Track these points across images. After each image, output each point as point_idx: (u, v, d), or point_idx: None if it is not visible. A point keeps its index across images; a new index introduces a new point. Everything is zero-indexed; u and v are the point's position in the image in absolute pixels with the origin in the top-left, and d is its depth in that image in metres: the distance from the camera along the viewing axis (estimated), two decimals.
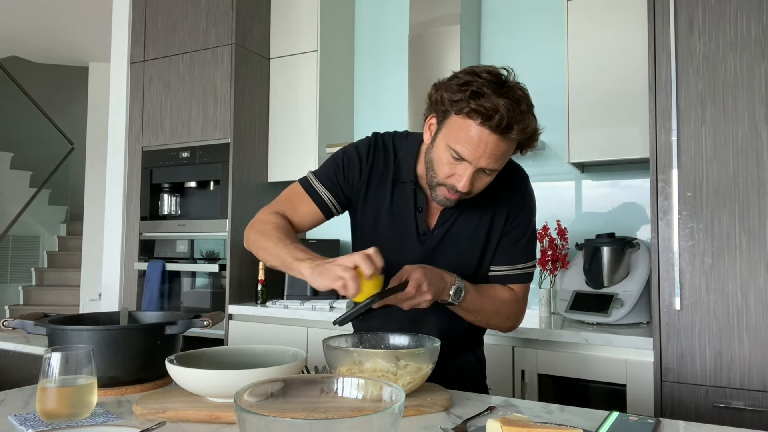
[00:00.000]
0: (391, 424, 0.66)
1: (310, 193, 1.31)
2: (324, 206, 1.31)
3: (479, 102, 1.08)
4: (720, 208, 1.75)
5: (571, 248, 2.48)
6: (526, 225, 1.33)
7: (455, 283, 1.19)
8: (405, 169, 1.29)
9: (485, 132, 1.09)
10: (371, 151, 1.31)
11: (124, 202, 3.17)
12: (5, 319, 1.25)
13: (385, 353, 1.03)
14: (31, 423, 0.95)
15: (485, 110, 1.07)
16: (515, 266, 1.32)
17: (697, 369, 1.74)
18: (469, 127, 1.10)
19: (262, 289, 2.80)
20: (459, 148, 1.12)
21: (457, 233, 1.29)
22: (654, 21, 1.86)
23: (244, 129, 2.93)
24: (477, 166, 1.13)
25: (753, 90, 1.73)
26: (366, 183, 1.30)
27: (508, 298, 1.31)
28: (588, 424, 0.97)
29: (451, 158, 1.14)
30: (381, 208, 1.30)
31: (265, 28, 3.10)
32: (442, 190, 1.18)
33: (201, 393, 1.02)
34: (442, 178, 1.17)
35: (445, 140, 1.14)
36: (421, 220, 1.29)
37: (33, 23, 5.03)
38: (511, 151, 1.16)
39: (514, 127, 1.09)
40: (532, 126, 1.13)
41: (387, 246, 1.27)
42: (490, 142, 1.10)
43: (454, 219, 1.29)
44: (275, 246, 1.18)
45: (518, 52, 2.78)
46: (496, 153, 1.12)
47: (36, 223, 6.08)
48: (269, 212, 1.30)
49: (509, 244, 1.31)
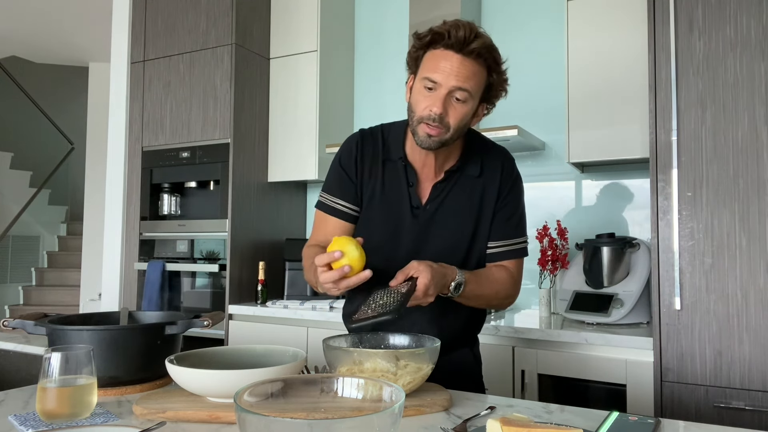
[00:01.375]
0: (391, 424, 0.66)
1: (328, 212, 1.38)
2: (345, 215, 1.37)
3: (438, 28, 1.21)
4: (720, 208, 1.75)
5: (571, 248, 2.48)
6: (516, 202, 1.39)
7: (456, 278, 1.23)
8: (394, 148, 1.36)
9: (448, 53, 1.20)
10: (359, 142, 1.38)
11: (124, 202, 3.17)
12: (5, 319, 1.25)
13: (385, 353, 1.03)
14: (31, 423, 0.95)
15: (444, 31, 1.20)
16: (509, 241, 1.38)
17: (697, 369, 1.74)
18: (435, 56, 1.22)
19: (262, 289, 2.80)
20: (428, 73, 1.21)
21: (450, 207, 1.34)
22: (654, 21, 1.86)
23: (244, 129, 2.93)
24: (448, 86, 1.20)
25: (753, 90, 1.73)
26: (360, 169, 1.36)
27: (504, 278, 1.36)
28: (588, 424, 0.97)
29: (425, 90, 1.22)
30: (375, 188, 1.36)
31: (265, 28, 3.10)
32: (422, 128, 1.24)
33: (201, 393, 1.02)
34: (420, 112, 1.23)
35: (419, 79, 1.24)
36: (414, 194, 1.34)
37: (33, 23, 5.03)
38: (480, 76, 1.23)
39: (474, 42, 1.19)
40: (489, 41, 1.22)
41: (383, 223, 1.35)
42: (455, 60, 1.20)
43: (446, 193, 1.34)
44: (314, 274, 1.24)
45: (518, 52, 2.78)
46: (464, 72, 1.20)
47: (36, 223, 6.08)
48: (306, 248, 1.39)
49: (502, 221, 1.37)
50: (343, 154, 1.38)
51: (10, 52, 5.95)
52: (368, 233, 1.33)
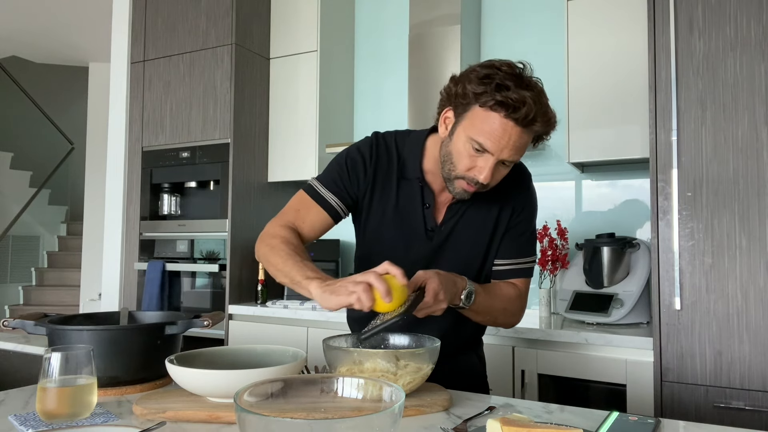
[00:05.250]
0: (391, 424, 0.66)
1: (316, 199, 1.30)
2: (332, 210, 1.30)
3: (505, 94, 1.08)
4: (720, 208, 1.75)
5: (571, 248, 2.48)
6: (529, 220, 1.35)
7: (466, 287, 1.19)
8: (410, 166, 1.28)
9: (510, 124, 1.10)
10: (374, 150, 1.30)
11: (124, 202, 3.17)
12: (5, 319, 1.25)
13: (385, 353, 1.03)
14: (31, 423, 0.95)
15: (512, 102, 1.08)
16: (518, 260, 1.34)
17: (697, 369, 1.74)
18: (493, 120, 1.11)
19: (262, 289, 2.80)
20: (482, 139, 1.12)
21: (465, 228, 1.30)
22: (654, 21, 1.86)
23: (244, 129, 2.93)
24: (499, 157, 1.13)
25: (753, 90, 1.73)
26: (371, 183, 1.30)
27: (513, 294, 1.32)
28: (588, 424, 0.97)
29: (473, 150, 1.14)
30: (387, 206, 1.30)
31: (265, 28, 3.10)
32: (461, 183, 1.18)
33: (201, 393, 1.02)
34: (462, 170, 1.16)
35: (466, 132, 1.14)
36: (429, 216, 1.29)
37: (33, 23, 5.03)
38: (529, 143, 1.18)
39: (538, 119, 1.11)
40: (554, 119, 1.15)
41: (394, 244, 1.29)
42: (514, 134, 1.11)
43: (461, 214, 1.29)
44: (284, 263, 1.17)
45: (518, 52, 2.77)
46: (518, 145, 1.13)
47: (36, 223, 6.08)
48: (278, 225, 1.28)
49: (513, 238, 1.33)
50: (356, 160, 1.29)
51: (10, 52, 5.95)
52: (379, 251, 1.29)
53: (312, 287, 1.07)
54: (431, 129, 1.31)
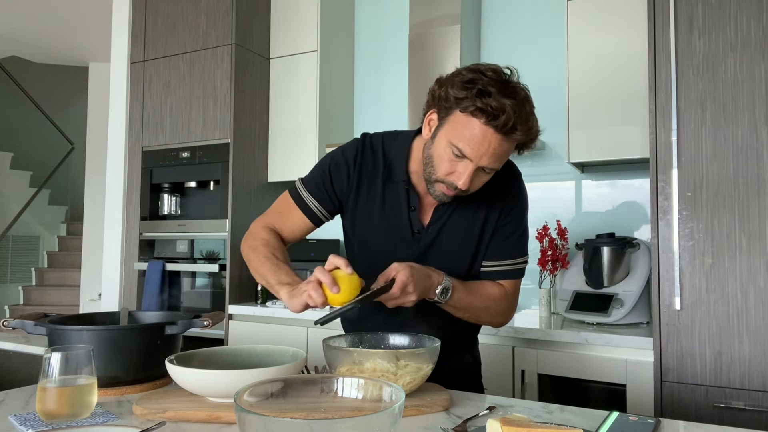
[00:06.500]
0: (391, 424, 0.66)
1: (299, 203, 1.32)
2: (313, 216, 1.32)
3: (485, 101, 1.07)
4: (720, 208, 1.75)
5: (571, 248, 2.48)
6: (518, 221, 1.32)
7: (443, 282, 1.18)
8: (397, 168, 1.28)
9: (489, 131, 1.09)
10: (359, 154, 1.29)
11: (124, 202, 3.17)
12: (5, 319, 1.25)
13: (385, 353, 1.03)
14: (31, 423, 0.95)
15: (492, 109, 1.07)
16: (506, 261, 1.32)
17: (697, 369, 1.74)
18: (473, 126, 1.09)
19: (262, 289, 2.79)
20: (461, 145, 1.11)
21: (451, 230, 1.29)
22: (654, 21, 1.86)
23: (244, 129, 2.93)
24: (478, 164, 1.12)
25: (753, 90, 1.73)
26: (356, 186, 1.29)
27: (497, 294, 1.31)
28: (588, 424, 0.97)
29: (452, 155, 1.13)
30: (373, 209, 1.29)
31: (265, 28, 3.10)
32: (440, 187, 1.18)
33: (201, 393, 1.02)
34: (442, 175, 1.16)
35: (447, 137, 1.13)
36: (415, 218, 1.28)
37: (33, 23, 5.03)
38: (511, 151, 1.16)
39: (519, 128, 1.09)
40: (535, 128, 1.13)
41: (381, 246, 1.29)
42: (494, 141, 1.10)
43: (447, 216, 1.28)
44: (262, 265, 1.22)
45: (518, 52, 2.78)
46: (498, 152, 1.12)
47: (36, 223, 6.08)
48: (260, 225, 1.32)
49: (500, 240, 1.31)
50: (339, 164, 1.29)
51: (10, 52, 5.95)
52: (365, 254, 1.30)
53: (282, 293, 1.14)
54: (418, 130, 1.30)
